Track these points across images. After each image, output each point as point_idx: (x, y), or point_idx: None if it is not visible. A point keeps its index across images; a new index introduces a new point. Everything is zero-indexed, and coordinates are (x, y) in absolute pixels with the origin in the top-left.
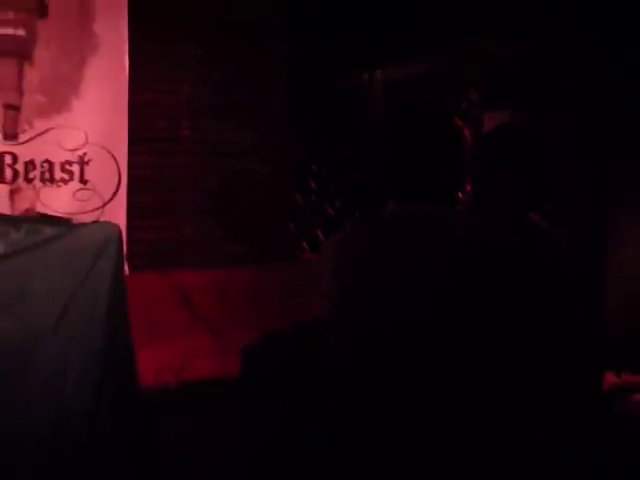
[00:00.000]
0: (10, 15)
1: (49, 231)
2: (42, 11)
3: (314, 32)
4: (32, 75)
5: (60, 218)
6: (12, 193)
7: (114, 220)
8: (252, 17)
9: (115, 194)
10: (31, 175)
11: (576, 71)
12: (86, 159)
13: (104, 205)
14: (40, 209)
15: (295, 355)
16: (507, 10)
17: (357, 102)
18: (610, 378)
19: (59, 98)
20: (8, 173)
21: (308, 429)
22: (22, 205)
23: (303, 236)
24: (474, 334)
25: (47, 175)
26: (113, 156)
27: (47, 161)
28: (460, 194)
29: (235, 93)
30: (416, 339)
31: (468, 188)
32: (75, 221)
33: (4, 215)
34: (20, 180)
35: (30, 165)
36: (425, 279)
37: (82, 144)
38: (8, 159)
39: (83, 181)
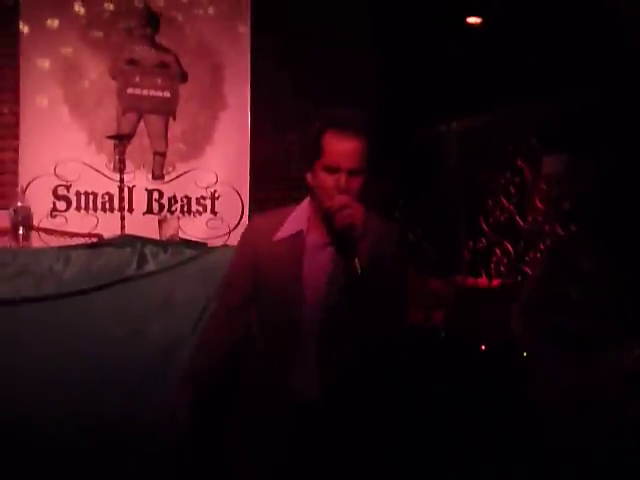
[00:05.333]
0: (158, 81)
1: (188, 253)
2: (183, 78)
3: (399, 88)
4: (175, 128)
5: (197, 242)
6: (160, 222)
7: None
8: (345, 83)
9: (239, 223)
10: (173, 208)
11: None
12: (216, 195)
13: (230, 232)
14: (181, 235)
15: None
16: (550, 74)
17: (435, 147)
18: None
19: (196, 146)
20: (155, 206)
21: None
22: (167, 232)
23: None
24: None
25: (186, 208)
26: (237, 192)
27: (186, 196)
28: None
29: None
30: None
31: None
32: (208, 245)
33: (155, 240)
34: (165, 212)
35: (173, 200)
36: None
37: (213, 183)
38: (156, 195)
39: (214, 212)
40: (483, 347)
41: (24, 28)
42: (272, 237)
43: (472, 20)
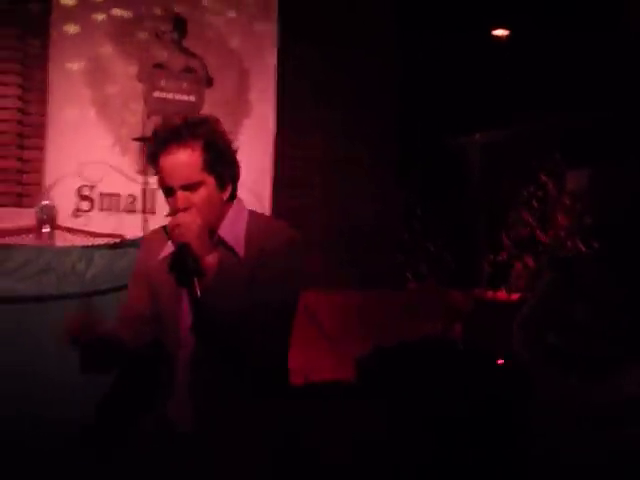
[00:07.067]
0: (184, 85)
1: None
2: (208, 82)
3: (422, 98)
4: None
5: None
6: None
7: None
8: (369, 92)
9: None
10: None
11: None
12: None
13: None
14: None
15: (403, 368)
16: (575, 88)
17: (457, 158)
18: None
19: None
20: None
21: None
22: None
23: (408, 267)
24: None
25: None
26: (259, 197)
27: None
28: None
29: (355, 150)
30: None
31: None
32: None
33: None
34: None
35: None
36: None
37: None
38: None
39: None
40: (500, 361)
41: (54, 31)
42: (158, 255)
43: (498, 32)
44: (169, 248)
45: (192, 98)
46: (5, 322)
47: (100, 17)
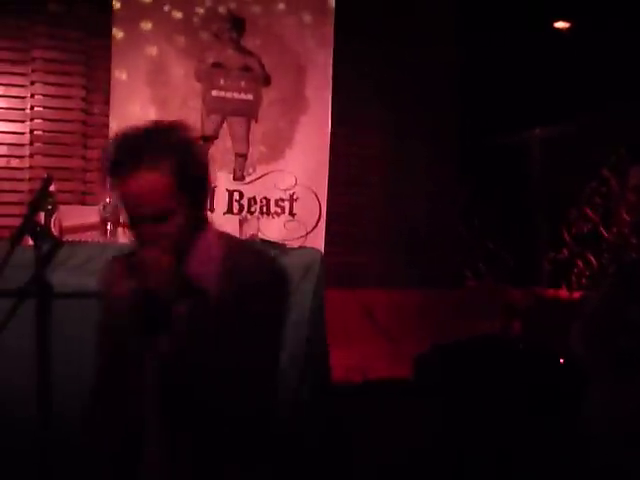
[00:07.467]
0: (242, 84)
1: (273, 253)
2: (266, 81)
3: (481, 94)
4: (257, 130)
5: (277, 243)
6: (241, 222)
7: (314, 246)
8: (427, 89)
9: (316, 225)
10: (253, 208)
11: None
12: (295, 197)
13: (307, 234)
14: (260, 236)
15: (462, 366)
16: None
17: (517, 154)
18: None
19: (276, 148)
20: (235, 207)
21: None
22: (248, 232)
23: (467, 266)
24: None
25: (265, 209)
26: (316, 195)
27: (265, 198)
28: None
29: (412, 148)
30: None
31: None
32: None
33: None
34: (245, 212)
35: (252, 201)
36: None
37: (292, 185)
38: (236, 195)
39: (292, 214)
40: (562, 360)
41: (117, 32)
42: (112, 290)
43: (560, 24)
44: (128, 284)
45: (250, 96)
46: (68, 318)
47: (159, 18)
